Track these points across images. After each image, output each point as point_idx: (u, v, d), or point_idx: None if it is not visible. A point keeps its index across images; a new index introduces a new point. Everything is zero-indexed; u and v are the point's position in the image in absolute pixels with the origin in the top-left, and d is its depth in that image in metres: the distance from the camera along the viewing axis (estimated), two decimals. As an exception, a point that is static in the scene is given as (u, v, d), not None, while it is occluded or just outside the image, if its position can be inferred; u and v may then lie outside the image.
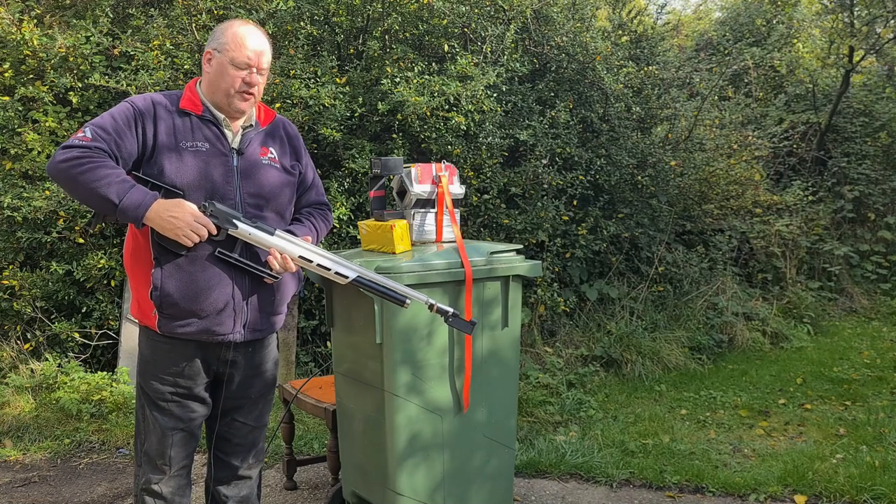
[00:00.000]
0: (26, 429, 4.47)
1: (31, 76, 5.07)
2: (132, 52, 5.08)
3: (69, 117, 5.04)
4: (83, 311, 5.09)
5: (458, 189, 3.17)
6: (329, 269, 2.35)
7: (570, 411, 4.79)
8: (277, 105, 4.96)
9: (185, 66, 5.03)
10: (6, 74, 5.03)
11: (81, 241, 4.98)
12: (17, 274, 4.97)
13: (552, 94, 6.16)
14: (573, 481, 3.84)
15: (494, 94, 5.53)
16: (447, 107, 5.27)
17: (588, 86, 6.30)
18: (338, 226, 5.09)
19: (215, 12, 5.08)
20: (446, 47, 5.67)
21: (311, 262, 2.33)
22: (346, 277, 2.36)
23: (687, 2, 19.81)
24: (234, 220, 2.24)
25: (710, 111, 7.46)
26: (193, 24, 5.14)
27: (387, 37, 5.69)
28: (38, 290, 4.97)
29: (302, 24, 5.28)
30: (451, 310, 2.43)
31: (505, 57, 5.70)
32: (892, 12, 8.73)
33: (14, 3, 5.06)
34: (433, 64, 5.48)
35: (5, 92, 5.10)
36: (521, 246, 3.29)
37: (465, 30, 5.80)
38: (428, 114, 5.21)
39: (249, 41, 2.31)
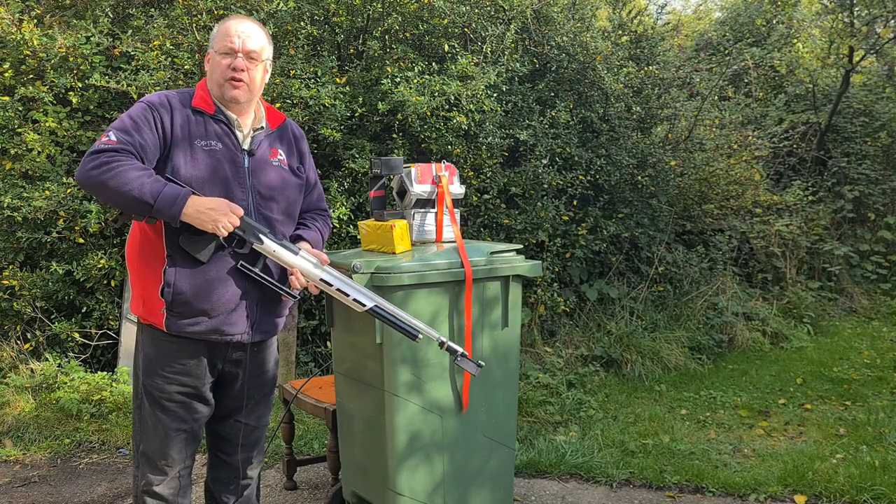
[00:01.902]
0: (26, 429, 4.46)
1: (31, 76, 5.06)
2: (132, 53, 5.08)
3: (69, 117, 5.04)
4: (83, 311, 5.09)
5: (458, 189, 3.17)
6: (348, 296, 2.38)
7: (570, 411, 4.79)
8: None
9: (186, 67, 5.03)
10: (6, 74, 5.02)
11: (81, 241, 4.98)
12: (17, 274, 4.97)
13: (552, 94, 6.16)
14: (573, 481, 3.84)
15: (494, 94, 5.52)
16: (447, 107, 5.27)
17: (588, 86, 6.30)
18: (338, 226, 5.09)
19: (215, 12, 5.08)
20: (446, 47, 5.67)
21: (331, 286, 2.36)
22: (364, 305, 2.39)
23: (687, 2, 19.77)
24: (261, 236, 2.25)
25: (710, 111, 7.46)
26: (194, 24, 5.14)
27: (387, 37, 5.69)
28: (38, 290, 4.97)
29: (302, 24, 5.28)
30: (460, 349, 2.50)
31: (505, 57, 5.69)
32: (892, 12, 8.73)
33: (14, 3, 5.06)
34: (433, 64, 5.47)
35: (5, 92, 5.10)
36: (521, 246, 3.29)
37: (466, 30, 5.80)
38: (428, 114, 5.20)
39: (233, 28, 2.31)
